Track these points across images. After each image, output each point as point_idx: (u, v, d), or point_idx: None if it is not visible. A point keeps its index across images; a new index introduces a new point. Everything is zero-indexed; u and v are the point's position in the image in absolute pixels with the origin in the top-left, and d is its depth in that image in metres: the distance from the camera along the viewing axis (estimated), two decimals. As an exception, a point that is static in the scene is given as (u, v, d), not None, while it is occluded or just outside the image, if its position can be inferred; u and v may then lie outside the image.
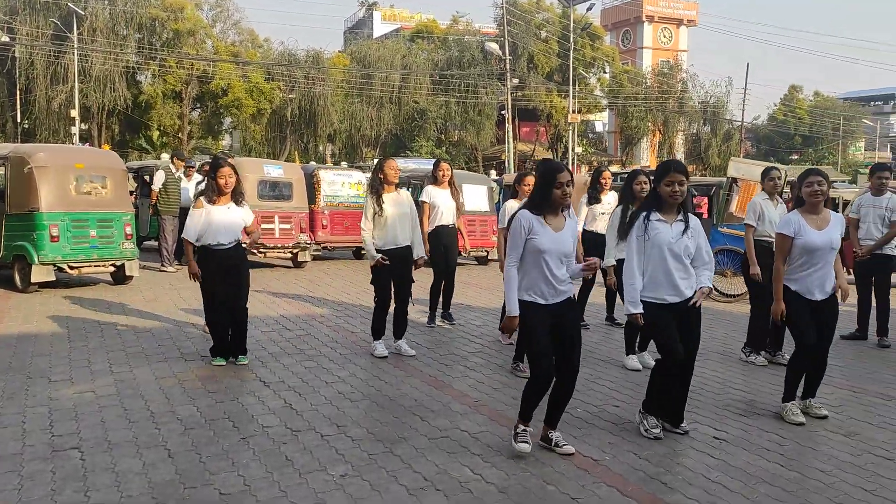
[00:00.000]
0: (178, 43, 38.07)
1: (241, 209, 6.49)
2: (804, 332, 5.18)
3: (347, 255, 16.25)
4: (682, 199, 4.76)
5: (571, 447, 4.56)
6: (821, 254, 5.18)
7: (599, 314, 9.14)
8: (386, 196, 6.84)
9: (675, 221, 4.79)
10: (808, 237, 5.16)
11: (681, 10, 62.76)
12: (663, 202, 4.78)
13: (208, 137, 43.61)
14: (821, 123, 59.36)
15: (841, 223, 5.29)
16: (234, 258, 6.44)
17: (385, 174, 6.86)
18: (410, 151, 42.24)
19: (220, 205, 6.38)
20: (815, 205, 5.24)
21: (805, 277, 5.22)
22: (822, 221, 5.23)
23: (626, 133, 52.44)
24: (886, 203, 7.99)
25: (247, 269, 6.64)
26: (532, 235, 4.40)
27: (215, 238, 6.33)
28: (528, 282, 4.44)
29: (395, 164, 6.96)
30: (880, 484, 4.19)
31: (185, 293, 10.19)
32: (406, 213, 6.93)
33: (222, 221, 6.34)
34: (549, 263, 4.40)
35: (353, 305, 9.76)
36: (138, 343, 7.23)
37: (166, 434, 4.72)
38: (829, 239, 5.18)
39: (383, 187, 6.86)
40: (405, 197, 7.01)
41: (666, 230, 4.75)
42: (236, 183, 6.48)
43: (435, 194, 8.36)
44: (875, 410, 5.63)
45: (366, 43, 49.78)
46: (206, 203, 6.36)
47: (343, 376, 6.22)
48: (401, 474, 4.17)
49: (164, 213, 13.00)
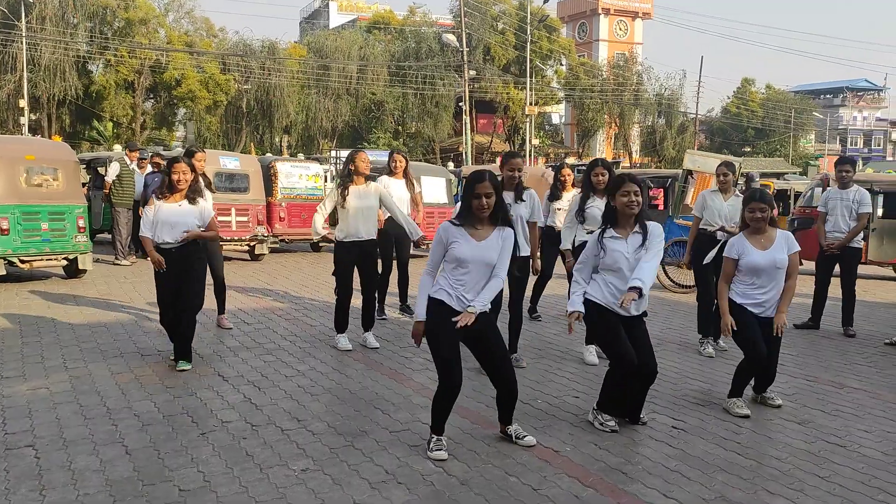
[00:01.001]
0: (130, 32, 37.32)
1: (194, 207, 6.10)
2: (754, 344, 5.26)
3: (305, 248, 16.13)
4: (637, 210, 4.79)
5: (532, 438, 4.59)
6: (766, 274, 5.27)
7: (558, 305, 9.21)
8: (352, 188, 6.82)
9: (631, 234, 4.81)
10: (751, 257, 5.28)
11: (636, 3, 63.45)
12: (619, 215, 4.83)
13: (162, 128, 42.92)
14: (773, 116, 60.58)
15: (787, 241, 5.35)
16: (181, 259, 6.04)
17: (356, 166, 6.85)
18: (367, 143, 42.11)
19: (172, 202, 6.06)
20: (757, 228, 5.37)
21: (753, 295, 5.32)
22: (766, 241, 5.34)
23: (583, 125, 52.91)
24: (853, 196, 8.15)
25: (198, 271, 6.20)
26: (452, 244, 4.31)
27: (160, 236, 6.02)
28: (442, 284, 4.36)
29: (366, 156, 6.95)
30: (833, 470, 4.29)
31: (141, 287, 10.01)
32: (371, 207, 6.88)
33: (168, 220, 6.00)
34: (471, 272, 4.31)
35: (312, 299, 9.69)
36: (93, 338, 7.09)
37: (123, 430, 4.64)
38: (772, 258, 5.26)
39: (352, 179, 6.83)
40: (373, 189, 6.96)
41: (621, 246, 4.78)
42: (194, 180, 6.16)
43: (389, 184, 8.33)
44: (828, 398, 5.77)
45: (322, 33, 49.44)
46: (157, 199, 6.09)
47: (303, 370, 6.18)
48: (362, 468, 4.15)
49: (118, 206, 12.75)
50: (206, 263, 6.44)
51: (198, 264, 6.22)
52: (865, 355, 7.34)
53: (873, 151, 77.49)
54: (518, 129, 46.92)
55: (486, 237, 4.35)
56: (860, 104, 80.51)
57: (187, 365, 6.10)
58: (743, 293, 5.35)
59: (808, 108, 64.76)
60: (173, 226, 6.02)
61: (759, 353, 5.23)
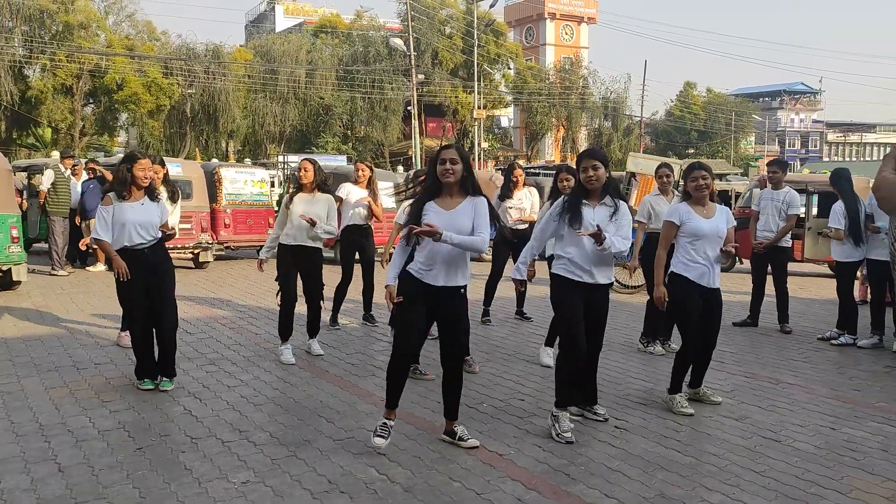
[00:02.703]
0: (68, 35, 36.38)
1: (155, 205, 5.80)
2: (692, 327, 5.36)
3: (252, 255, 15.91)
4: (599, 185, 4.82)
5: (476, 440, 4.60)
6: (708, 242, 5.33)
7: (507, 308, 9.25)
8: (301, 195, 6.78)
9: (598, 205, 4.85)
10: (696, 222, 5.34)
11: (581, 8, 64.19)
12: (586, 189, 4.88)
13: (103, 134, 41.91)
14: (714, 119, 61.92)
15: (727, 215, 5.50)
16: (154, 259, 5.74)
17: (299, 175, 6.85)
18: (316, 148, 41.78)
19: (133, 201, 5.71)
20: (700, 198, 5.44)
21: (697, 260, 5.35)
22: (708, 212, 5.42)
23: (531, 128, 53.31)
24: (783, 197, 8.35)
25: (171, 272, 5.92)
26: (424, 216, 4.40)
27: (130, 238, 5.62)
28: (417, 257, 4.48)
29: (308, 165, 6.87)
30: (768, 465, 4.39)
31: (78, 298, 9.76)
32: (317, 215, 6.74)
33: (136, 219, 5.63)
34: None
35: (256, 307, 9.57)
36: (27, 352, 6.87)
37: (56, 447, 4.50)
38: (716, 227, 5.35)
39: (302, 187, 6.82)
40: (323, 199, 6.85)
41: (588, 213, 4.81)
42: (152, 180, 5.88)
43: (351, 191, 8.25)
44: (764, 394, 5.90)
45: (269, 37, 48.94)
46: (116, 199, 5.68)
47: (246, 380, 6.08)
48: (304, 478, 4.10)
49: (54, 214, 12.40)
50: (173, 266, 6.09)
51: (169, 264, 5.93)
52: (801, 351, 7.53)
53: (810, 152, 79.78)
54: (467, 132, 47.06)
55: (457, 206, 4.42)
56: (797, 107, 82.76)
57: (171, 384, 5.77)
58: (686, 262, 5.37)
59: (748, 110, 66.37)
60: (143, 224, 5.68)
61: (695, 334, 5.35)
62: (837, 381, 6.42)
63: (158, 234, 5.82)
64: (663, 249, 5.48)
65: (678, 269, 5.40)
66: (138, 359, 5.82)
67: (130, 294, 5.69)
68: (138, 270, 5.63)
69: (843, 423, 5.20)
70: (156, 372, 5.81)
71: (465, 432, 4.63)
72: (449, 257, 4.41)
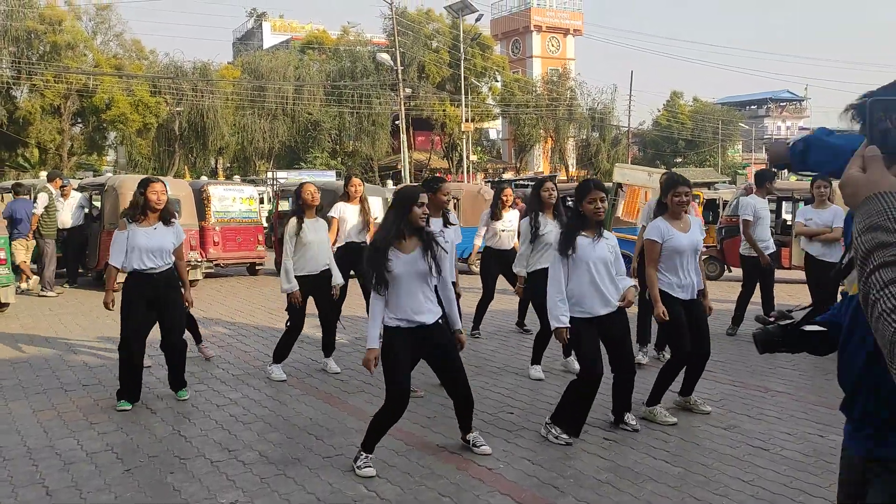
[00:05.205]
0: (56, 56, 36.36)
1: (169, 229, 5.86)
2: (683, 341, 5.40)
3: (241, 272, 15.87)
4: (604, 216, 5.04)
5: (488, 447, 4.75)
6: (687, 256, 5.44)
7: (494, 320, 9.26)
8: (307, 222, 6.72)
9: (596, 237, 4.98)
10: (677, 240, 5.41)
11: (567, 20, 64.53)
12: (586, 220, 4.97)
13: (92, 153, 41.82)
14: (702, 127, 62.22)
15: (699, 226, 5.63)
16: (164, 284, 5.80)
17: (303, 200, 6.75)
18: (305, 163, 41.79)
19: (147, 225, 5.78)
20: (679, 213, 5.51)
21: (679, 277, 5.44)
22: (684, 225, 5.50)
23: (520, 140, 53.45)
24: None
25: (180, 296, 6.01)
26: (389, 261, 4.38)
27: (142, 262, 5.68)
28: (392, 305, 4.43)
29: (312, 188, 6.85)
30: (757, 474, 4.40)
31: (66, 319, 9.72)
32: (324, 240, 6.82)
33: (148, 244, 5.70)
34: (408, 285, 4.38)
35: (246, 325, 9.55)
36: (14, 374, 6.84)
37: (44, 470, 4.48)
38: (693, 240, 5.48)
39: (305, 213, 6.75)
40: (323, 224, 6.93)
41: (590, 245, 4.92)
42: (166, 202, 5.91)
43: (345, 210, 8.19)
44: (753, 403, 5.92)
45: (256, 54, 48.93)
46: (130, 223, 5.75)
47: (235, 398, 6.07)
48: (294, 497, 4.09)
49: (47, 237, 12.35)
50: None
51: (177, 284, 6.02)
52: (789, 358, 7.55)
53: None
54: (456, 145, 47.16)
55: (414, 249, 4.44)
56: (783, 114, 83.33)
57: (186, 394, 6.05)
58: (669, 279, 5.44)
59: (735, 118, 66.74)
60: (156, 249, 5.73)
61: (685, 348, 5.39)
62: (825, 388, 6.45)
63: (170, 259, 5.87)
64: (653, 269, 5.51)
65: (662, 286, 5.46)
66: (122, 381, 5.82)
67: (135, 315, 5.73)
68: (144, 294, 5.72)
69: (830, 430, 5.22)
70: (137, 394, 5.85)
71: (477, 438, 4.80)
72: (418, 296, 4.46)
